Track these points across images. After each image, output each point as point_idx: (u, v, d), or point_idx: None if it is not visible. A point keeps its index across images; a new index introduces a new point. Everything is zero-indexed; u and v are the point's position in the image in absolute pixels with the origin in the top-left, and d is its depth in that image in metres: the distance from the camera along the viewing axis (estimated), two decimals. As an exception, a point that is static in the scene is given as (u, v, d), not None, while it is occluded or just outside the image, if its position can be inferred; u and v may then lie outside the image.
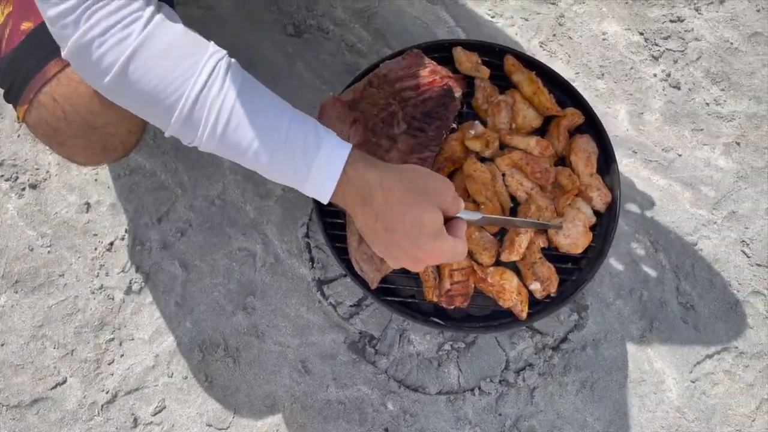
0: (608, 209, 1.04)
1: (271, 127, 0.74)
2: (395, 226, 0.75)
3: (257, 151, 0.74)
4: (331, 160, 0.75)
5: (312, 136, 0.75)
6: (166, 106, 0.71)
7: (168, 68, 0.70)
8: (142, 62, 0.69)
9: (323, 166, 0.75)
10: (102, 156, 1.01)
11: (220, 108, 0.71)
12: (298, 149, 0.74)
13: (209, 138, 0.73)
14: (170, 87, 0.70)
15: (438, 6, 1.52)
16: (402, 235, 0.75)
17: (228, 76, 0.73)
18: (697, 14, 1.52)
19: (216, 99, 0.71)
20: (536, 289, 0.98)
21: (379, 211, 0.75)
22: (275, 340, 1.24)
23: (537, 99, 1.06)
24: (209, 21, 1.45)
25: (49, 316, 1.25)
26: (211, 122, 0.72)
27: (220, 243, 1.30)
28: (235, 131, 0.73)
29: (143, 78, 0.70)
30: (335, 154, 0.75)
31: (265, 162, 0.75)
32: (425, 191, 0.76)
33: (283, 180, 0.78)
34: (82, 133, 0.91)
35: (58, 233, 1.30)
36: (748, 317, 1.28)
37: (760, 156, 1.40)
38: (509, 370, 1.23)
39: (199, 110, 0.71)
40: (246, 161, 0.76)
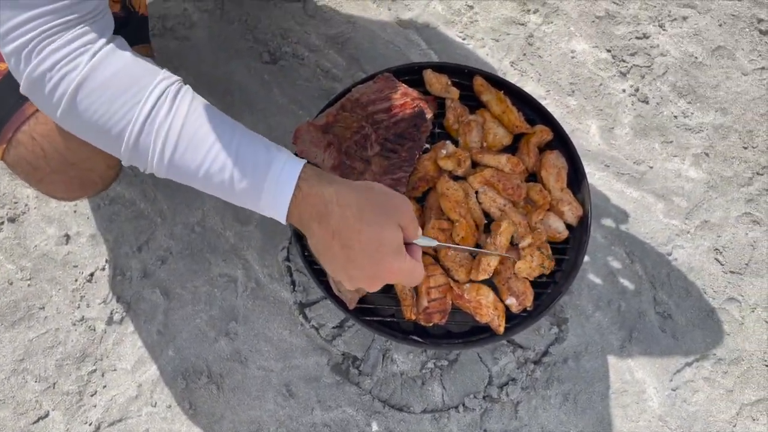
0: (580, 222, 1.06)
1: (220, 148, 0.73)
2: (352, 243, 0.73)
3: (208, 173, 0.73)
4: (283, 177, 0.73)
5: (263, 154, 0.74)
6: (115, 134, 0.71)
7: (115, 96, 0.70)
8: (89, 92, 0.70)
9: (275, 184, 0.73)
10: (81, 191, 1.01)
11: (167, 133, 0.71)
12: (248, 168, 0.73)
13: (158, 163, 0.73)
14: (117, 114, 0.71)
15: (410, 30, 1.55)
16: (359, 252, 0.73)
17: (176, 100, 0.73)
18: (661, 31, 1.57)
19: (163, 124, 0.71)
20: (512, 304, 0.99)
21: (335, 227, 0.73)
22: (258, 364, 1.25)
23: (506, 117, 1.08)
24: (185, 51, 1.47)
25: (30, 349, 1.24)
26: (159, 148, 0.71)
27: (201, 270, 1.31)
28: (183, 155, 0.72)
29: (90, 108, 0.70)
30: (287, 170, 0.74)
31: (217, 183, 0.74)
32: (384, 208, 0.74)
33: (238, 201, 0.76)
34: (62, 169, 0.92)
35: (38, 266, 1.30)
36: (724, 324, 1.30)
37: (728, 166, 1.43)
38: (492, 385, 1.23)
39: (146, 136, 0.71)
40: (198, 184, 0.75)
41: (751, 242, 1.36)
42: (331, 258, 0.76)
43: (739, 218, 1.38)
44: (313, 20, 1.54)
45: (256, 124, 1.42)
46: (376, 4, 1.58)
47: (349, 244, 0.73)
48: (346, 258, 0.74)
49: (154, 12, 1.51)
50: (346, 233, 0.73)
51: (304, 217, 0.74)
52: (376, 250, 0.73)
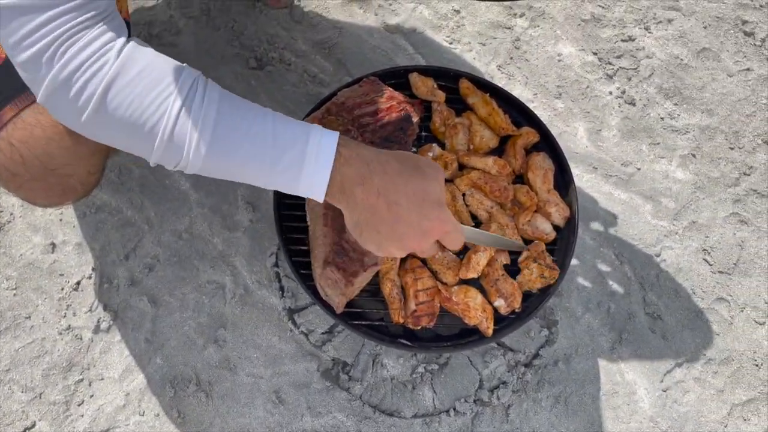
0: (567, 224, 1.06)
1: (257, 129, 0.72)
2: (399, 199, 0.74)
3: (246, 157, 0.72)
4: (323, 145, 0.73)
5: (299, 129, 0.74)
6: (148, 129, 0.69)
7: (146, 90, 0.69)
8: (120, 89, 0.68)
9: (316, 153, 0.72)
10: (62, 197, 1.00)
11: (203, 120, 0.70)
12: (288, 143, 0.72)
13: (196, 154, 0.71)
14: (150, 108, 0.69)
15: (397, 35, 1.55)
16: (406, 207, 0.74)
17: (207, 89, 0.72)
18: (647, 33, 1.58)
19: (198, 112, 0.70)
20: (501, 306, 0.99)
21: (380, 186, 0.73)
22: (248, 371, 1.24)
23: (492, 120, 1.09)
24: (173, 58, 1.46)
25: (16, 359, 1.23)
26: (196, 137, 0.70)
27: (188, 277, 1.30)
28: (222, 141, 0.71)
29: (122, 104, 0.68)
30: (326, 139, 0.74)
31: (257, 166, 0.73)
32: (420, 166, 0.76)
33: (276, 181, 0.75)
34: (41, 175, 0.90)
35: (24, 275, 1.28)
36: (713, 324, 1.30)
37: (715, 166, 1.44)
38: (483, 389, 1.23)
39: (182, 126, 0.70)
40: (235, 170, 0.74)
41: (739, 242, 1.37)
42: (378, 221, 0.75)
43: (727, 218, 1.39)
44: (300, 26, 1.54)
45: (243, 130, 1.42)
46: (363, 10, 1.58)
47: (395, 200, 0.74)
48: (394, 217, 0.74)
49: (140, 19, 1.50)
50: (391, 189, 0.73)
51: (347, 183, 0.74)
52: (423, 201, 0.74)
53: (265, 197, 1.36)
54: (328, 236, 0.98)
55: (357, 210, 0.76)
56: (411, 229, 0.76)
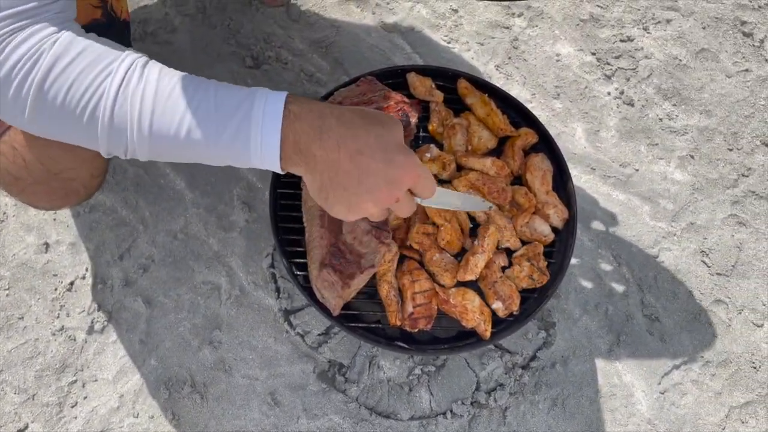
0: (566, 225, 1.05)
1: (198, 101, 0.68)
2: (361, 147, 0.69)
3: (190, 129, 0.68)
4: (269, 104, 0.68)
5: (242, 93, 0.70)
6: (89, 113, 0.67)
7: (84, 74, 0.67)
8: (57, 76, 0.66)
9: (263, 113, 0.68)
10: (64, 200, 0.99)
11: (142, 97, 0.67)
12: (231, 109, 0.68)
13: (139, 135, 0.68)
14: (88, 91, 0.66)
15: (394, 34, 1.54)
16: (370, 156, 0.70)
17: (146, 68, 0.69)
18: (646, 33, 1.57)
19: (136, 90, 0.67)
20: (499, 308, 0.98)
21: (339, 138, 0.69)
22: (243, 373, 1.22)
23: (491, 120, 1.08)
24: (167, 56, 1.45)
25: (9, 360, 1.21)
26: (136, 116, 0.67)
27: (183, 277, 1.29)
28: (163, 116, 0.68)
29: (60, 91, 0.66)
30: (272, 98, 0.69)
31: (202, 140, 0.69)
32: (375, 115, 0.72)
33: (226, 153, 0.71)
34: (44, 179, 0.89)
35: (17, 275, 1.27)
36: (711, 326, 1.30)
37: (713, 168, 1.43)
38: (480, 391, 1.22)
39: (122, 107, 0.67)
40: (183, 148, 0.70)
41: (738, 244, 1.36)
42: (343, 177, 0.71)
43: (725, 220, 1.38)
44: (297, 24, 1.53)
45: (239, 129, 1.41)
46: (360, 8, 1.57)
47: (357, 149, 0.69)
48: (359, 169, 0.70)
49: (135, 17, 1.49)
50: (350, 139, 0.69)
51: (302, 141, 0.69)
52: (386, 146, 0.70)
53: (262, 197, 1.35)
54: (324, 238, 0.97)
55: (318, 170, 0.71)
56: (379, 178, 0.71)
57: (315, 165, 0.71)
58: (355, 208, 0.74)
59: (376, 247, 0.95)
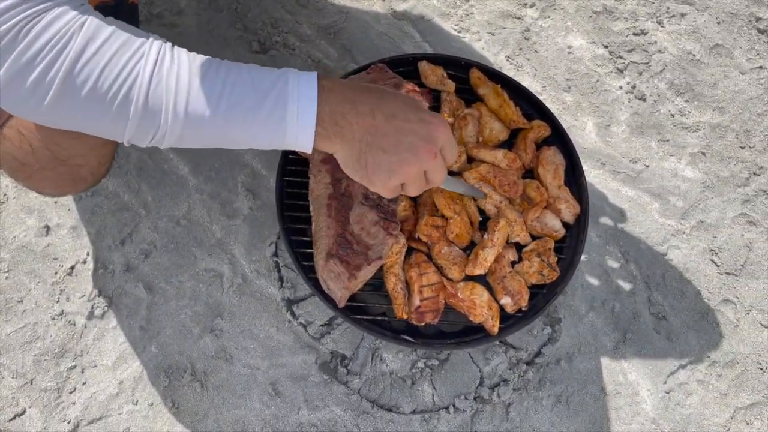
0: (577, 221, 1.04)
1: (233, 77, 0.70)
2: (395, 110, 0.74)
3: (228, 110, 0.69)
4: (302, 81, 0.71)
5: (276, 73, 0.72)
6: (122, 98, 0.66)
7: (116, 57, 0.65)
8: (87, 61, 0.64)
9: (298, 89, 0.70)
10: (71, 187, 0.97)
11: (178, 77, 0.67)
12: (268, 86, 0.70)
13: (174, 118, 0.67)
14: (122, 74, 0.65)
15: (404, 21, 1.51)
16: (403, 117, 0.74)
17: (175, 50, 0.69)
18: (659, 27, 1.54)
19: (170, 73, 0.67)
20: (507, 304, 0.96)
21: (372, 104, 0.73)
22: (244, 362, 1.21)
23: (503, 112, 1.05)
24: (173, 38, 1.41)
25: (7, 344, 1.20)
26: (173, 98, 0.67)
27: (186, 264, 1.27)
28: (199, 94, 0.68)
29: (91, 76, 0.64)
30: (304, 75, 0.72)
31: (239, 118, 0.70)
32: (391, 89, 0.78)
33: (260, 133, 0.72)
34: (51, 165, 0.88)
35: (16, 258, 1.25)
36: (719, 326, 1.28)
37: (725, 165, 1.41)
38: (484, 386, 1.21)
39: (157, 90, 0.66)
40: (217, 130, 0.71)
41: (747, 243, 1.35)
42: (382, 139, 0.74)
43: (735, 219, 1.36)
44: (305, 10, 1.50)
45: (244, 115, 1.39)
46: (370, -5, 1.54)
47: (392, 113, 0.74)
48: (396, 128, 0.74)
49: (141, -2, 1.46)
50: (382, 104, 0.74)
51: (337, 112, 0.72)
52: (416, 107, 0.76)
53: (266, 185, 1.33)
54: (331, 228, 0.95)
55: (355, 139, 0.74)
56: (417, 136, 0.75)
57: (352, 135, 0.74)
58: (396, 171, 0.76)
59: (384, 239, 0.93)
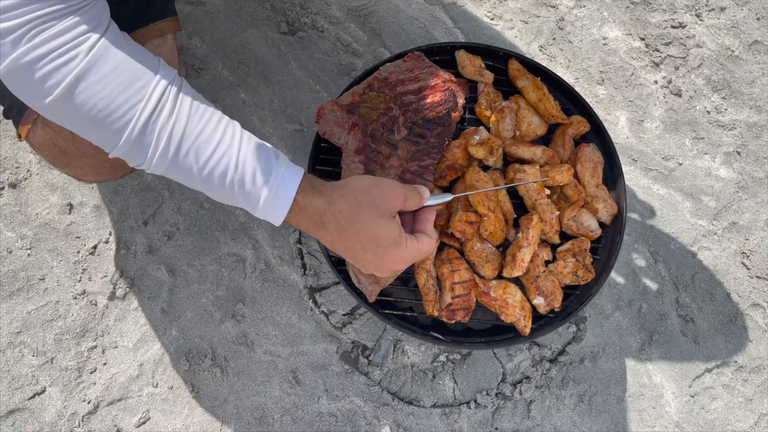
0: (614, 221, 1.01)
1: (224, 151, 0.73)
2: (353, 245, 0.78)
3: (209, 176, 0.73)
4: (281, 189, 0.75)
5: (263, 162, 0.74)
6: (114, 130, 0.69)
7: (116, 92, 0.68)
8: (89, 85, 0.67)
9: (274, 195, 0.74)
10: (110, 174, 1.00)
11: (171, 132, 0.70)
12: (248, 175, 0.73)
13: (159, 161, 0.71)
14: (118, 111, 0.68)
15: (436, 6, 1.48)
16: (361, 252, 0.78)
17: (178, 99, 0.71)
18: (698, 21, 1.50)
19: (166, 123, 0.70)
20: (540, 304, 0.94)
21: (335, 234, 0.77)
22: (265, 349, 1.20)
23: (542, 106, 1.02)
24: (200, 17, 1.40)
25: (28, 322, 1.19)
26: (162, 146, 0.70)
27: (208, 248, 1.25)
28: (186, 156, 0.71)
29: (89, 101, 0.67)
30: (286, 182, 0.75)
31: (216, 186, 0.74)
32: (373, 204, 0.77)
33: (231, 203, 0.77)
34: (92, 153, 0.89)
35: (39, 235, 1.24)
36: (747, 330, 1.26)
37: (760, 166, 1.38)
38: (506, 382, 1.19)
39: (149, 135, 0.69)
40: (195, 184, 0.75)
41: (780, 247, 1.32)
42: (342, 254, 0.81)
43: (769, 222, 1.33)
44: (335, -10, 1.47)
45: (271, 97, 1.36)
46: (402, -23, 1.50)
47: (350, 246, 0.78)
48: (353, 257, 0.80)
49: (169, -27, 1.43)
50: (344, 238, 0.77)
51: (303, 226, 0.78)
52: (377, 246, 0.77)
53: (291, 170, 1.31)
54: (363, 220, 0.93)
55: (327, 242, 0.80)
56: (372, 267, 0.81)
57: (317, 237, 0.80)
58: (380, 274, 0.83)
59: (416, 234, 0.91)
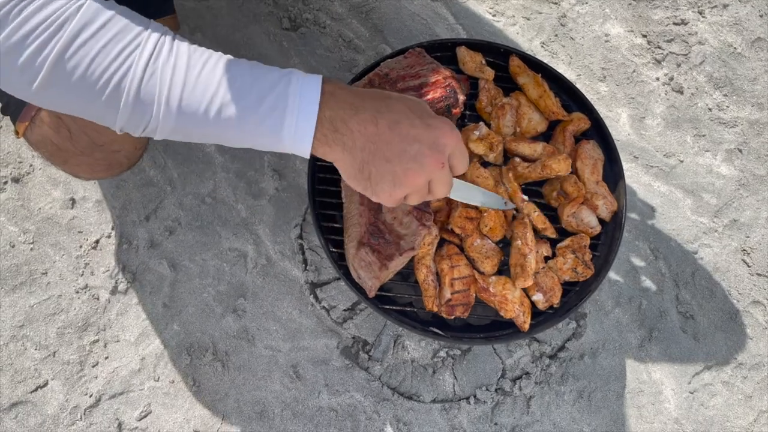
0: (613, 218, 1.01)
1: (232, 74, 0.66)
2: (398, 117, 0.69)
3: (223, 106, 0.65)
4: (305, 84, 0.67)
5: (277, 72, 0.68)
6: (112, 87, 0.63)
7: (110, 45, 0.62)
8: (80, 45, 0.61)
9: (300, 91, 0.67)
10: (107, 172, 0.97)
11: (174, 71, 0.64)
12: (268, 86, 0.67)
13: (166, 112, 0.65)
14: (114, 64, 0.62)
15: (438, 2, 1.48)
16: (408, 124, 0.69)
17: (175, 41, 0.66)
18: (700, 17, 1.50)
19: (166, 65, 0.64)
20: (539, 300, 0.95)
21: (375, 110, 0.69)
22: (266, 344, 1.21)
23: (543, 102, 1.03)
24: (202, 12, 1.40)
25: (31, 315, 1.20)
26: (166, 92, 0.64)
27: (210, 243, 1.26)
28: (194, 91, 0.65)
29: (82, 63, 0.62)
30: (307, 77, 0.68)
31: (235, 117, 0.66)
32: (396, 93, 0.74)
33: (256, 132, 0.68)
34: (88, 151, 0.88)
35: (42, 229, 1.25)
36: (747, 328, 1.26)
37: (761, 163, 1.38)
38: (506, 378, 1.20)
39: (150, 81, 0.63)
40: (211, 127, 0.67)
41: (780, 245, 1.32)
42: (386, 148, 0.69)
43: (770, 219, 1.33)
44: (337, -14, 1.47)
45: (273, 93, 1.36)
46: (404, -27, 1.50)
47: (395, 119, 0.69)
48: (400, 137, 0.69)
49: (171, -32, 1.43)
50: (385, 109, 0.69)
51: (338, 118, 0.68)
52: (422, 112, 0.71)
53: (292, 166, 1.31)
54: (364, 216, 0.93)
55: (357, 146, 0.69)
56: (422, 144, 0.70)
57: (354, 142, 0.69)
58: (400, 181, 0.71)
59: (416, 229, 0.91)
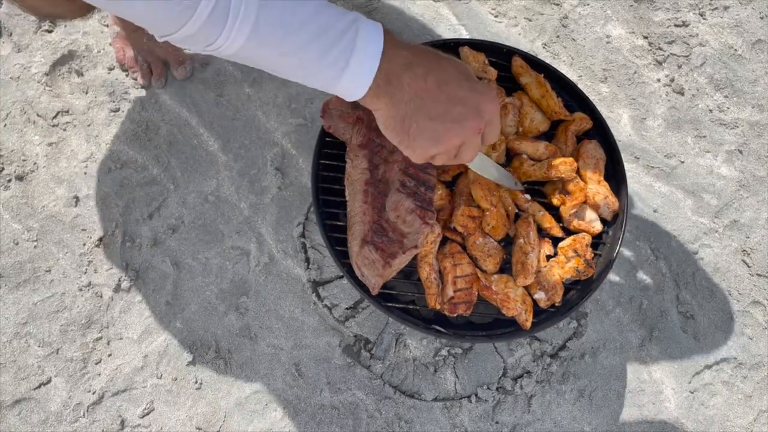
0: (614, 218, 1.02)
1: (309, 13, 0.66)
2: (448, 78, 0.73)
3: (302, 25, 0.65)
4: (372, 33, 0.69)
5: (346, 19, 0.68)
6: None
7: None
8: None
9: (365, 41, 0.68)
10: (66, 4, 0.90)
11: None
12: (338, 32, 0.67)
13: (242, 24, 0.63)
14: None
15: (440, 3, 1.48)
16: (457, 86, 0.73)
17: None
18: (701, 19, 1.50)
19: None
20: (541, 299, 0.95)
21: (428, 68, 0.72)
22: (268, 342, 1.21)
23: (545, 102, 1.03)
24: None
25: (34, 312, 1.20)
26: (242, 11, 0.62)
27: (213, 241, 1.27)
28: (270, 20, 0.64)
29: None
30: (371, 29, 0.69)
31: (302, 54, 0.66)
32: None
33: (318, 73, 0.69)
34: None
35: (45, 227, 1.25)
36: (747, 328, 1.27)
37: (762, 165, 1.38)
38: (507, 377, 1.20)
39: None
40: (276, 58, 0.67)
41: (780, 245, 1.33)
42: (431, 106, 0.72)
43: (770, 220, 1.34)
44: (340, -13, 1.48)
45: (275, 92, 1.37)
46: (407, -26, 1.51)
47: (444, 79, 0.72)
48: (447, 96, 0.73)
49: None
50: (437, 69, 0.72)
51: (393, 71, 0.70)
52: (469, 78, 0.74)
53: (295, 164, 1.32)
54: (367, 214, 0.94)
55: (403, 101, 0.72)
56: (467, 107, 0.74)
57: (401, 95, 0.72)
58: (439, 140, 0.75)
59: (419, 228, 0.92)
